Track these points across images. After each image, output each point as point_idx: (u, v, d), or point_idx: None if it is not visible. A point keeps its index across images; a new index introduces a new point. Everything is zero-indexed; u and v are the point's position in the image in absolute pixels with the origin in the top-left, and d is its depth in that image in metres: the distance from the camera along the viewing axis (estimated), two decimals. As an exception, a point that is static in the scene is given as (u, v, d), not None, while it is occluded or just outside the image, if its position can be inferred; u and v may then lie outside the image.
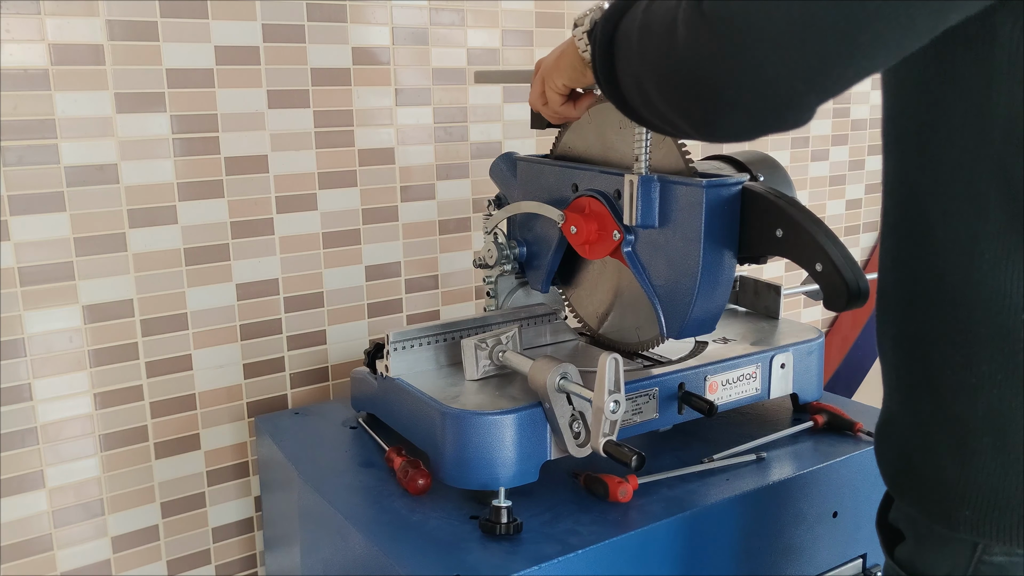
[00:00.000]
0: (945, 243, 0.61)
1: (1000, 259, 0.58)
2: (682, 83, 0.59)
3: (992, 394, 0.61)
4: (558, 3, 1.52)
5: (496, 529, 0.89)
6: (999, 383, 0.60)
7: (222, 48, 1.22)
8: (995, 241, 0.58)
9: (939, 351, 0.63)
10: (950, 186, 0.60)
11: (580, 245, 1.04)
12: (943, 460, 0.64)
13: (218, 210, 1.26)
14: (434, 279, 1.50)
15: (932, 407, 0.65)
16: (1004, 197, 0.57)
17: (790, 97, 0.56)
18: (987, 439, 0.61)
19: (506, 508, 0.90)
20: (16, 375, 1.14)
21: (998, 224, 0.58)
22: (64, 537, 1.21)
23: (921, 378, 0.66)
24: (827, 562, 1.07)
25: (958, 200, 0.60)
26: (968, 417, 0.62)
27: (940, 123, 0.60)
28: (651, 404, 1.02)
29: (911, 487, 0.68)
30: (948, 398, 0.63)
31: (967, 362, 0.61)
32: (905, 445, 0.68)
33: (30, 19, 1.08)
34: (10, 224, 1.11)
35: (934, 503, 0.65)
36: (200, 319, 1.27)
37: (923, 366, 0.65)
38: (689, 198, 0.93)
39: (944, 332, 0.63)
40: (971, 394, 0.62)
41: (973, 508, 0.63)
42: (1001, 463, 0.61)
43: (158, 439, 1.27)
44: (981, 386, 0.61)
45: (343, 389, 1.43)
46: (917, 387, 0.66)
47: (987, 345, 0.60)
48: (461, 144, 1.47)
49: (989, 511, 0.62)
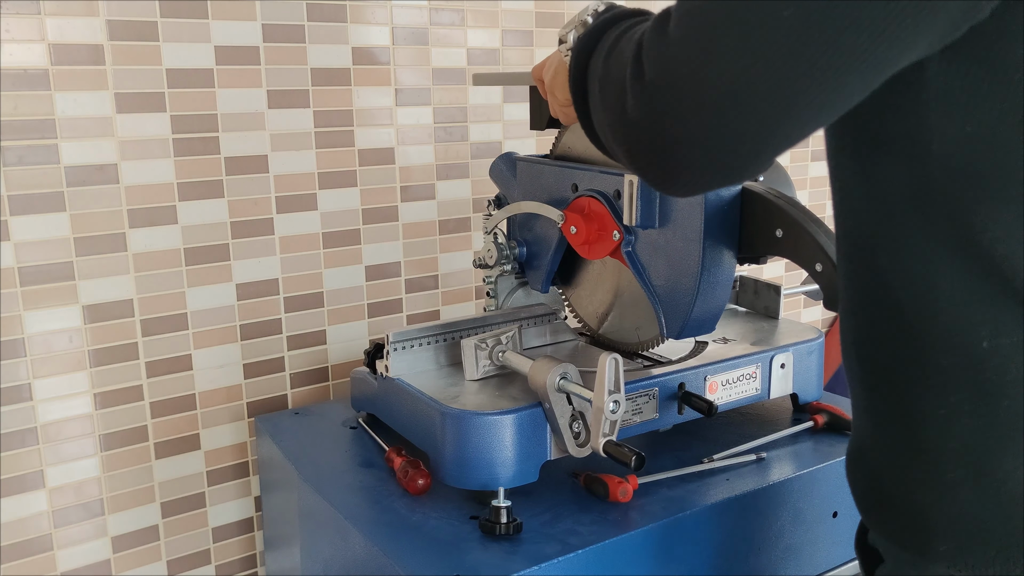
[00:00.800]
0: (900, 276, 0.60)
1: (956, 290, 0.57)
2: (635, 146, 0.61)
3: (964, 424, 0.59)
4: (558, 3, 1.52)
5: (496, 529, 0.89)
6: (969, 413, 0.59)
7: (222, 48, 1.22)
8: (949, 273, 0.57)
9: (906, 381, 0.62)
10: (899, 221, 0.59)
11: (580, 245, 1.04)
12: (917, 493, 0.63)
13: (218, 210, 1.26)
14: (434, 279, 1.50)
15: (905, 437, 0.63)
16: (952, 230, 0.57)
17: (737, 158, 0.57)
18: (961, 471, 0.60)
19: (505, 508, 0.90)
20: (16, 375, 1.14)
21: (948, 257, 0.57)
22: (64, 537, 1.21)
23: (892, 407, 0.64)
24: (827, 562, 1.07)
25: (908, 234, 0.59)
26: (942, 449, 0.61)
27: (882, 158, 0.59)
28: (651, 404, 1.02)
29: (886, 520, 0.66)
30: (920, 429, 0.62)
31: (935, 392, 0.60)
32: (878, 475, 0.67)
33: (30, 19, 1.08)
34: (10, 224, 1.11)
35: (909, 536, 0.64)
36: (200, 319, 1.27)
37: (892, 394, 0.64)
38: (689, 199, 0.92)
39: (908, 363, 0.61)
40: (943, 425, 0.60)
41: (949, 542, 0.61)
42: (978, 496, 0.60)
43: (158, 439, 1.27)
44: (952, 416, 0.59)
45: (343, 389, 1.43)
46: (888, 416, 0.65)
47: (955, 375, 0.59)
48: (461, 144, 1.47)
49: (967, 544, 0.60)
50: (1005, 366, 0.57)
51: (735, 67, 0.52)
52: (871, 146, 0.60)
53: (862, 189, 0.62)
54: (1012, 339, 0.57)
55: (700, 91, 0.53)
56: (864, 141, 0.60)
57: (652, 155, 0.60)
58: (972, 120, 0.54)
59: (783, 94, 0.52)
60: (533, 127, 1.09)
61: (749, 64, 0.51)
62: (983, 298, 0.57)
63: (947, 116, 0.54)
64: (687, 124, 0.55)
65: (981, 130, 0.54)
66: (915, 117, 0.56)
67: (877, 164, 0.60)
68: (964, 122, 0.54)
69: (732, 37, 0.52)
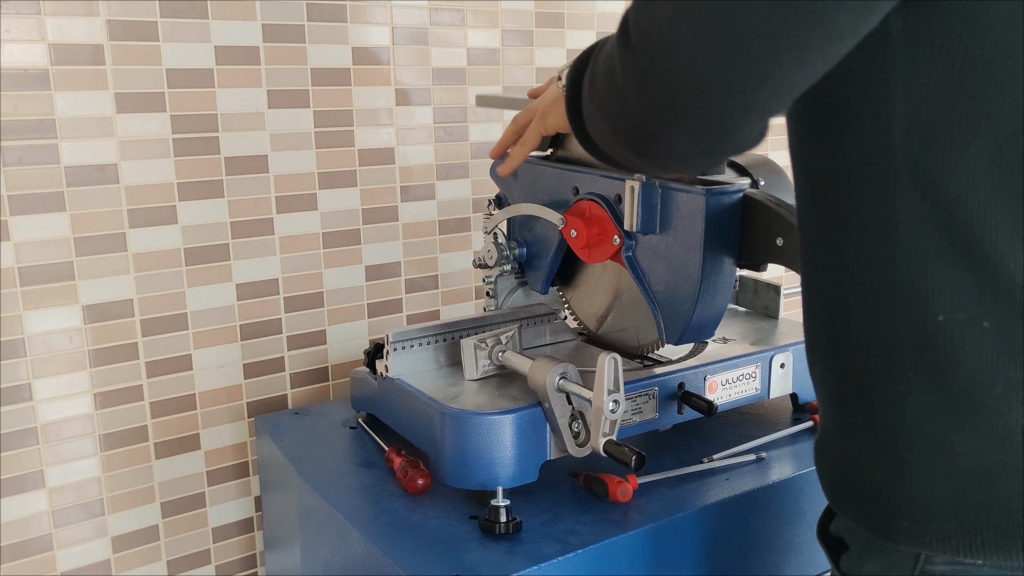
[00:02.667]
0: (860, 250, 0.61)
1: (913, 262, 0.58)
2: (627, 119, 0.62)
3: (918, 400, 0.59)
4: (558, 3, 1.53)
5: (495, 528, 0.89)
6: (926, 388, 0.59)
7: (222, 48, 1.22)
8: (907, 244, 0.58)
9: (865, 361, 0.62)
10: (859, 190, 0.60)
11: (580, 249, 1.04)
12: (877, 472, 0.63)
13: (218, 210, 1.26)
14: (434, 279, 1.50)
15: (862, 419, 0.64)
16: (913, 195, 0.57)
17: (726, 113, 0.56)
18: (918, 448, 0.60)
19: (504, 507, 0.90)
20: (16, 375, 1.14)
21: (908, 226, 0.57)
22: (64, 537, 1.22)
23: (850, 390, 0.64)
24: (827, 562, 1.07)
25: (867, 204, 0.59)
26: (897, 427, 0.61)
27: (843, 126, 0.60)
28: (651, 404, 1.02)
29: (850, 502, 0.67)
30: (877, 408, 0.62)
31: (892, 369, 0.60)
32: (841, 460, 0.67)
33: (30, 19, 1.08)
34: (10, 224, 1.11)
35: (873, 516, 0.64)
36: (200, 319, 1.27)
37: (851, 378, 0.64)
38: (690, 205, 0.93)
39: (868, 341, 0.62)
40: (898, 402, 0.60)
41: (911, 519, 0.61)
42: (932, 471, 0.60)
43: (158, 439, 1.27)
44: (908, 393, 0.60)
45: (343, 389, 1.43)
46: (847, 400, 0.65)
47: (910, 351, 0.59)
48: (461, 144, 1.47)
49: (926, 521, 0.61)
50: (959, 340, 0.57)
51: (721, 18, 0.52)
52: (831, 114, 0.60)
53: (823, 163, 0.62)
54: (967, 313, 0.57)
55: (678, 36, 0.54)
56: (824, 110, 0.61)
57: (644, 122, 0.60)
58: (936, 74, 0.54)
59: (769, 34, 0.52)
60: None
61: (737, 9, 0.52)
62: (939, 268, 0.57)
63: (911, 72, 0.55)
64: (672, 77, 0.56)
65: (945, 84, 0.54)
66: (879, 76, 0.56)
67: (839, 133, 0.60)
68: (928, 77, 0.54)
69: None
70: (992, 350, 0.57)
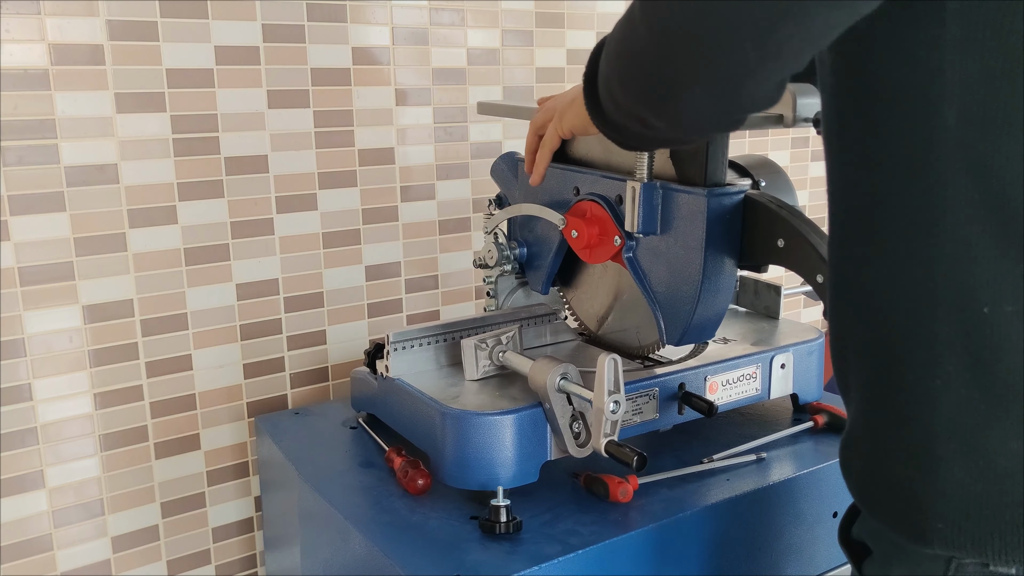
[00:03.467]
0: (903, 239, 0.59)
1: (960, 252, 0.56)
2: (640, 68, 0.60)
3: (956, 397, 0.58)
4: (558, 3, 1.52)
5: (496, 528, 0.89)
6: (965, 383, 0.57)
7: (222, 48, 1.22)
8: (955, 233, 0.56)
9: (901, 354, 0.61)
10: (904, 178, 0.58)
11: (581, 250, 1.04)
12: (910, 471, 0.61)
13: (218, 210, 1.26)
14: (434, 279, 1.50)
15: (895, 415, 0.62)
16: (964, 182, 0.55)
17: (742, 63, 0.55)
18: (953, 446, 0.59)
19: (505, 507, 0.90)
20: (16, 375, 1.14)
21: (957, 213, 0.56)
22: (64, 537, 1.21)
23: (882, 385, 0.63)
24: (827, 562, 1.07)
25: (913, 191, 0.58)
26: (932, 423, 0.59)
27: (890, 109, 0.58)
28: (651, 404, 1.02)
29: (880, 502, 0.65)
30: (911, 403, 0.60)
31: (930, 363, 0.59)
32: (870, 458, 0.65)
33: (30, 19, 1.08)
34: (10, 224, 1.11)
35: (904, 518, 0.62)
36: (200, 319, 1.27)
37: (885, 372, 0.62)
38: (691, 206, 0.92)
39: (905, 333, 0.60)
40: (935, 397, 0.59)
41: (945, 520, 0.60)
42: (968, 470, 0.58)
43: (158, 439, 1.27)
44: (945, 387, 0.58)
45: (343, 389, 1.43)
46: (879, 395, 0.63)
47: (950, 345, 0.58)
48: (461, 144, 1.47)
49: (961, 522, 0.59)
50: (1004, 333, 0.56)
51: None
52: (876, 100, 0.59)
53: (865, 148, 0.61)
54: (1014, 306, 0.55)
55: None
56: (868, 96, 0.59)
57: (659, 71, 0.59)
58: (994, 52, 0.52)
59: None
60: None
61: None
62: (987, 259, 0.56)
63: (966, 53, 0.53)
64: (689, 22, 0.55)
65: (1004, 62, 0.52)
66: (933, 55, 0.54)
67: (885, 117, 0.58)
68: (986, 55, 0.53)
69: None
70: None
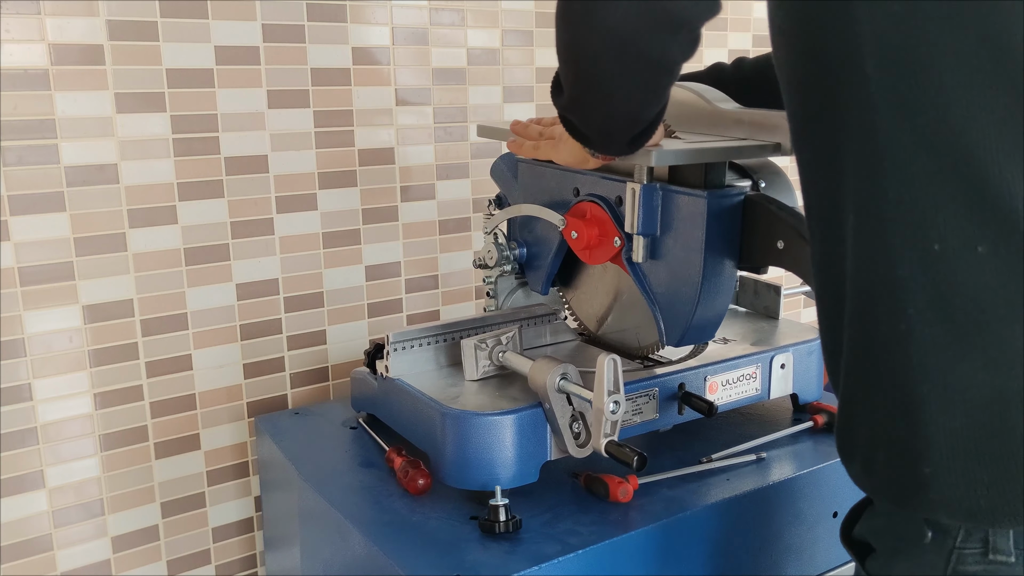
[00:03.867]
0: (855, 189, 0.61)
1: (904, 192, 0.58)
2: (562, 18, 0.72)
3: (923, 336, 0.59)
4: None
5: (495, 528, 0.89)
6: (928, 322, 0.59)
7: (222, 48, 1.22)
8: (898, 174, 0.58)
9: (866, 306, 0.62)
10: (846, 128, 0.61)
11: (581, 251, 1.04)
12: (894, 419, 0.62)
13: (218, 210, 1.26)
14: (434, 279, 1.50)
15: (875, 373, 0.63)
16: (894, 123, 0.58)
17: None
18: (926, 384, 0.60)
19: (504, 507, 0.90)
20: (16, 375, 1.14)
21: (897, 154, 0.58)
22: (64, 537, 1.21)
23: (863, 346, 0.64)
24: (827, 562, 1.07)
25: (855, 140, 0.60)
26: (905, 368, 0.60)
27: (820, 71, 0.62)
28: (651, 404, 1.02)
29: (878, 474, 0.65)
30: (886, 355, 0.62)
31: (893, 310, 0.60)
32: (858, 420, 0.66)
33: (30, 19, 1.08)
34: (10, 224, 1.11)
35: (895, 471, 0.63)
36: (200, 319, 1.27)
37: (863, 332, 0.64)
38: (691, 208, 0.92)
39: (868, 283, 0.62)
40: (903, 343, 0.60)
41: (931, 463, 0.60)
42: (944, 406, 0.59)
43: (158, 439, 1.27)
44: (910, 331, 0.60)
45: (343, 389, 1.43)
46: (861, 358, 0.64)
47: (908, 286, 0.59)
48: (461, 144, 1.47)
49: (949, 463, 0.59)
50: (954, 267, 0.57)
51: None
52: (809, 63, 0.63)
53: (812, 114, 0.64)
54: (961, 238, 0.57)
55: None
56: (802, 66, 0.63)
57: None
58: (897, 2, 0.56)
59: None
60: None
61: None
62: (932, 196, 0.57)
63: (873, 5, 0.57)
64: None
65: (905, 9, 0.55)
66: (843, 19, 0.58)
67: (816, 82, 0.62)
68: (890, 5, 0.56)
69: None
70: (990, 274, 0.57)
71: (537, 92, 1.54)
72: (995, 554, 0.60)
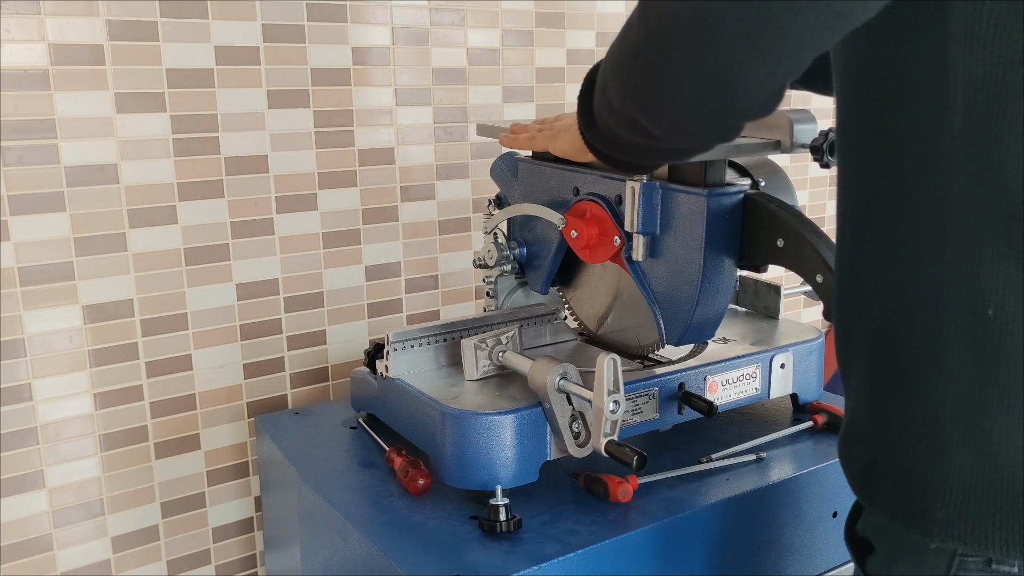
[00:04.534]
0: (911, 234, 0.60)
1: (968, 252, 0.56)
2: (634, 60, 0.60)
3: (960, 385, 0.58)
4: (558, 3, 1.53)
5: (496, 527, 0.89)
6: (970, 374, 0.58)
7: (222, 48, 1.22)
8: (961, 231, 0.56)
9: (907, 343, 0.61)
10: (914, 171, 0.59)
11: (581, 250, 1.04)
12: (912, 459, 0.62)
13: (218, 210, 1.26)
14: (434, 279, 1.50)
15: (900, 402, 0.62)
16: (969, 177, 0.55)
17: (732, 61, 0.54)
18: (957, 434, 0.59)
19: (504, 506, 0.90)
20: (16, 375, 1.14)
21: (963, 209, 0.56)
22: (64, 537, 1.21)
23: (888, 374, 0.63)
24: (827, 562, 1.07)
25: (921, 189, 0.58)
26: (937, 411, 0.60)
27: (901, 104, 0.59)
28: (651, 404, 1.02)
29: (880, 490, 0.65)
30: (917, 392, 0.61)
31: (936, 353, 0.59)
32: (872, 446, 0.66)
33: (30, 19, 1.08)
34: (10, 224, 1.11)
35: (905, 507, 0.63)
36: (200, 319, 1.27)
37: (890, 361, 0.63)
38: (691, 206, 0.92)
39: (911, 325, 0.61)
40: (940, 387, 0.59)
41: (946, 508, 0.60)
42: (971, 459, 0.59)
43: (158, 439, 1.27)
44: (951, 377, 0.59)
45: (343, 389, 1.43)
46: (883, 384, 0.64)
47: (955, 339, 0.58)
48: (461, 144, 1.47)
49: (962, 509, 0.59)
50: (1007, 329, 0.57)
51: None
52: (888, 95, 0.59)
53: (876, 149, 0.61)
54: (1015, 306, 0.56)
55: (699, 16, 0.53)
56: (880, 92, 0.60)
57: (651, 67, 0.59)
58: (999, 50, 0.53)
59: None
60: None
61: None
62: (991, 259, 0.56)
63: (971, 50, 0.53)
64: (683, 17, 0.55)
65: (1005, 62, 0.53)
66: (939, 55, 0.55)
67: (894, 115, 0.59)
68: (989, 53, 0.53)
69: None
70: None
71: (537, 92, 1.54)
72: (998, 564, 0.60)
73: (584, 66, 1.58)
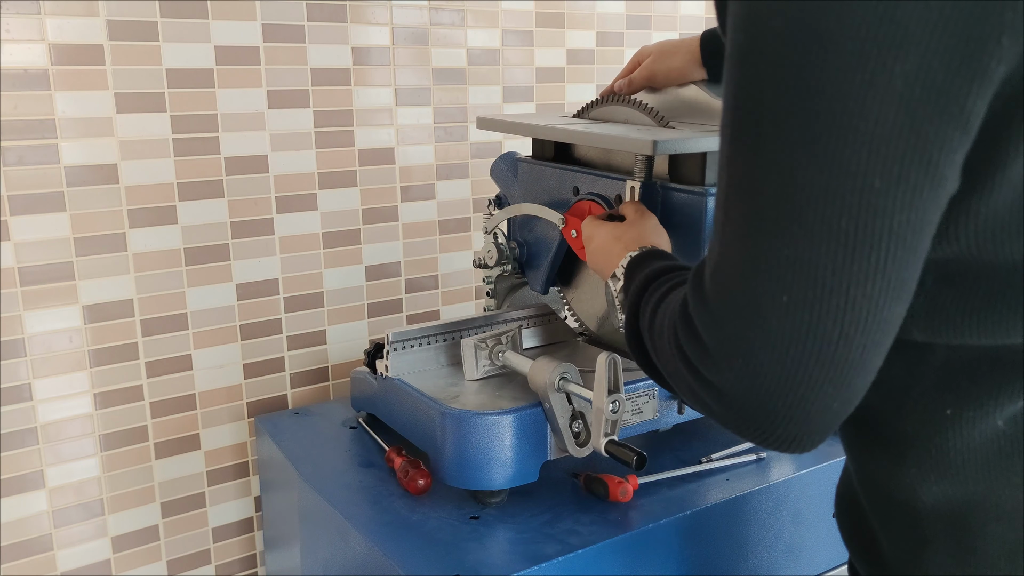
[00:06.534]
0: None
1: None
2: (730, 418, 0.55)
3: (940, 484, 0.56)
4: (558, 3, 1.52)
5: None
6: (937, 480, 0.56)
7: (222, 48, 1.22)
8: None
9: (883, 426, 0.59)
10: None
11: (580, 249, 1.04)
12: (899, 545, 0.60)
13: (218, 210, 1.26)
14: (434, 279, 1.50)
15: (885, 487, 0.60)
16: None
17: (832, 390, 0.50)
18: (939, 525, 0.57)
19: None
20: (16, 375, 1.14)
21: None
22: (64, 537, 1.21)
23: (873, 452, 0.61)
24: (827, 562, 1.07)
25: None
26: (917, 503, 0.58)
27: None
28: (651, 404, 1.02)
29: (872, 563, 0.64)
30: (899, 482, 0.59)
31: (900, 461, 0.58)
32: (862, 523, 0.65)
33: (30, 19, 1.08)
34: (10, 224, 1.11)
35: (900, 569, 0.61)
36: (200, 319, 1.27)
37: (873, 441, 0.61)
38: (690, 206, 0.92)
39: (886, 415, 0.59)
40: (919, 482, 0.57)
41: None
42: (954, 552, 0.57)
43: (158, 439, 1.27)
44: (925, 478, 0.57)
45: (343, 389, 1.43)
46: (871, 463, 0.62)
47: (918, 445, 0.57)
48: (461, 144, 1.47)
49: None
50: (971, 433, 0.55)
51: (789, 318, 0.47)
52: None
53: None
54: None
55: (756, 322, 0.49)
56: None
57: (753, 425, 0.53)
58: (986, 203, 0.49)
59: (848, 314, 0.47)
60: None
61: (800, 301, 0.47)
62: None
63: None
64: (737, 367, 0.51)
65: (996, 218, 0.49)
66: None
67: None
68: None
69: (771, 283, 0.48)
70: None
71: (537, 92, 1.54)
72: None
73: (584, 66, 1.59)
